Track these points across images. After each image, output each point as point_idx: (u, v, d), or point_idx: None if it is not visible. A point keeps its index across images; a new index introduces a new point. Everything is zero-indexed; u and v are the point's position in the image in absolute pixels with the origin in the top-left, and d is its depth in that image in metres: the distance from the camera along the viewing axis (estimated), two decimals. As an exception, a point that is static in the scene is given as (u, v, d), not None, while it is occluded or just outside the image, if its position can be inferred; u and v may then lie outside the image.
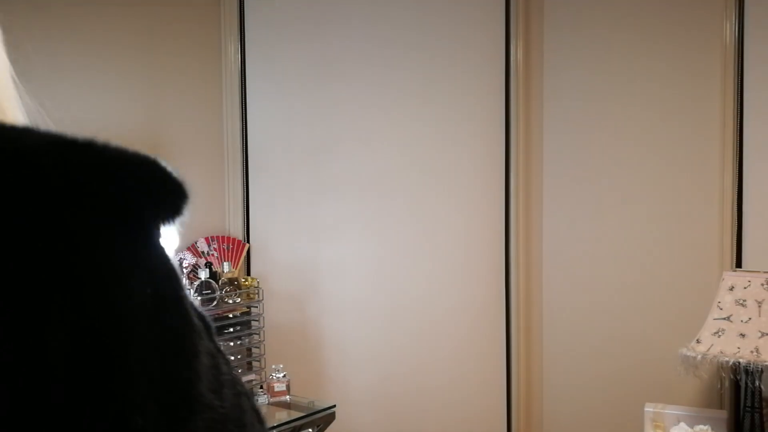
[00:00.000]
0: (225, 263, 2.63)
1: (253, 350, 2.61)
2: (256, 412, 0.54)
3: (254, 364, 2.61)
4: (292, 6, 2.86)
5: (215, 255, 2.71)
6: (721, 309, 2.22)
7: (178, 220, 0.51)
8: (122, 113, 2.49)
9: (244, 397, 0.52)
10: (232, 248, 2.78)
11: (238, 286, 2.54)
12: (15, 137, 0.50)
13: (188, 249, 2.64)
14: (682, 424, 2.29)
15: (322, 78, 2.85)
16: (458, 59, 2.85)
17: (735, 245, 2.50)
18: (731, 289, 2.23)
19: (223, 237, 2.78)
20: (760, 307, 2.17)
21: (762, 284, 2.19)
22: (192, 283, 2.44)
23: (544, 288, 2.96)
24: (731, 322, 2.18)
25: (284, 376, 2.54)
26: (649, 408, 2.42)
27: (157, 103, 2.59)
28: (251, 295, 2.59)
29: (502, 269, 2.93)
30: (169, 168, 0.51)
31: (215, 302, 2.44)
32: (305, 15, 2.86)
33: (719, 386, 2.36)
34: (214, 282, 2.45)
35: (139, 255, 0.46)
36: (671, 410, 2.38)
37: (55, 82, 2.29)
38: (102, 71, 2.41)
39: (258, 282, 2.63)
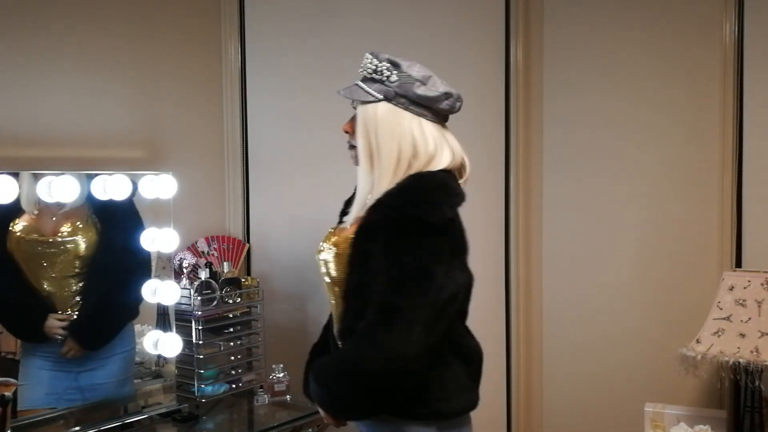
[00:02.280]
0: (225, 263, 2.63)
1: (253, 350, 2.61)
2: None
3: (254, 363, 2.61)
4: (292, 6, 2.86)
5: (215, 255, 2.71)
6: (721, 309, 2.22)
7: None
8: (122, 113, 2.48)
9: None
10: (232, 248, 2.78)
11: (238, 286, 2.54)
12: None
13: (188, 249, 2.64)
14: (682, 424, 2.30)
15: (323, 77, 2.84)
16: (458, 59, 2.85)
17: (735, 245, 2.50)
18: (731, 289, 2.23)
19: (223, 237, 2.78)
20: (759, 307, 2.17)
21: (762, 284, 2.19)
22: (192, 283, 2.44)
23: (544, 288, 2.96)
24: (731, 322, 2.18)
25: (284, 376, 2.54)
26: (649, 408, 2.42)
27: (157, 103, 2.59)
28: (251, 295, 2.59)
29: (502, 269, 2.93)
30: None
31: (215, 302, 2.44)
32: (305, 15, 2.86)
33: (719, 386, 2.36)
34: (214, 282, 2.45)
35: None
36: (671, 410, 2.39)
37: (56, 82, 2.29)
38: (102, 71, 2.41)
39: (258, 282, 2.63)
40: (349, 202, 1.79)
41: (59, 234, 2.15)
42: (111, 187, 2.18)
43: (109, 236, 2.22)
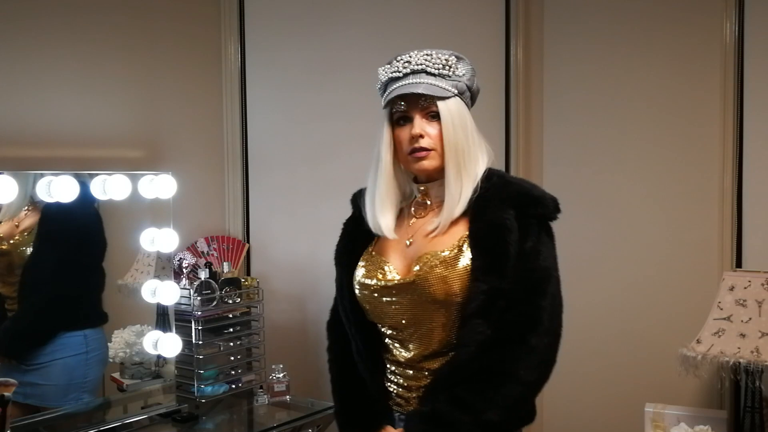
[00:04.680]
0: (225, 263, 2.63)
1: (253, 350, 2.61)
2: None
3: (254, 364, 2.61)
4: (292, 6, 2.86)
5: (215, 255, 2.71)
6: (722, 309, 2.22)
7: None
8: (122, 113, 2.48)
9: None
10: (232, 248, 2.78)
11: (238, 286, 2.54)
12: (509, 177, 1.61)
13: (188, 249, 2.64)
14: (682, 424, 2.29)
15: (323, 78, 2.84)
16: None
17: (735, 245, 2.49)
18: (731, 289, 2.23)
19: (223, 237, 2.78)
20: (760, 307, 2.17)
21: (762, 284, 2.19)
22: (192, 283, 2.44)
23: (544, 288, 2.95)
24: (731, 322, 2.18)
25: (284, 376, 2.54)
26: (649, 408, 2.42)
27: (157, 103, 2.59)
28: (251, 295, 2.59)
29: (502, 269, 2.92)
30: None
31: (215, 302, 2.44)
32: (305, 15, 2.86)
33: (719, 386, 2.36)
34: (213, 282, 2.45)
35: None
36: (671, 410, 2.38)
37: (56, 82, 2.29)
38: (102, 71, 2.41)
39: (258, 282, 2.63)
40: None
41: (12, 239, 2.11)
42: (111, 187, 2.18)
43: (47, 243, 2.13)
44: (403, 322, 1.51)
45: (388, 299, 1.52)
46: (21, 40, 2.20)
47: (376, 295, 1.53)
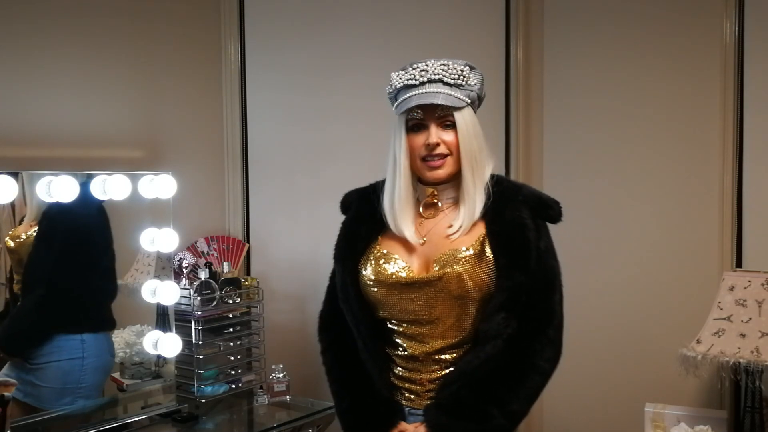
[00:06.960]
0: (225, 263, 2.62)
1: (253, 350, 2.61)
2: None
3: (254, 364, 2.61)
4: (293, 6, 2.86)
5: (215, 255, 2.71)
6: (722, 309, 2.22)
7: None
8: (122, 113, 2.48)
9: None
10: (232, 248, 2.78)
11: (238, 286, 2.54)
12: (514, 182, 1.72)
13: (188, 249, 2.64)
14: (682, 424, 2.29)
15: (322, 79, 2.84)
16: (458, 58, 2.84)
17: (735, 245, 2.49)
18: (731, 289, 2.23)
19: (223, 237, 2.78)
20: (760, 307, 2.17)
21: (762, 284, 2.19)
22: (192, 283, 2.44)
23: (544, 288, 2.95)
24: (731, 322, 2.18)
25: (284, 376, 2.54)
26: (649, 408, 2.42)
27: (157, 103, 2.59)
28: (251, 295, 2.59)
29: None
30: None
31: (215, 302, 2.44)
32: (305, 15, 2.86)
33: (719, 386, 2.36)
34: (213, 282, 2.45)
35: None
36: (671, 410, 2.38)
37: (56, 82, 2.29)
38: (102, 71, 2.41)
39: (258, 282, 2.62)
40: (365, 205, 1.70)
41: (18, 237, 2.11)
42: (111, 187, 2.18)
43: (43, 242, 2.11)
44: (425, 317, 1.56)
45: (408, 296, 1.56)
46: (22, 41, 2.20)
47: (396, 291, 1.57)
